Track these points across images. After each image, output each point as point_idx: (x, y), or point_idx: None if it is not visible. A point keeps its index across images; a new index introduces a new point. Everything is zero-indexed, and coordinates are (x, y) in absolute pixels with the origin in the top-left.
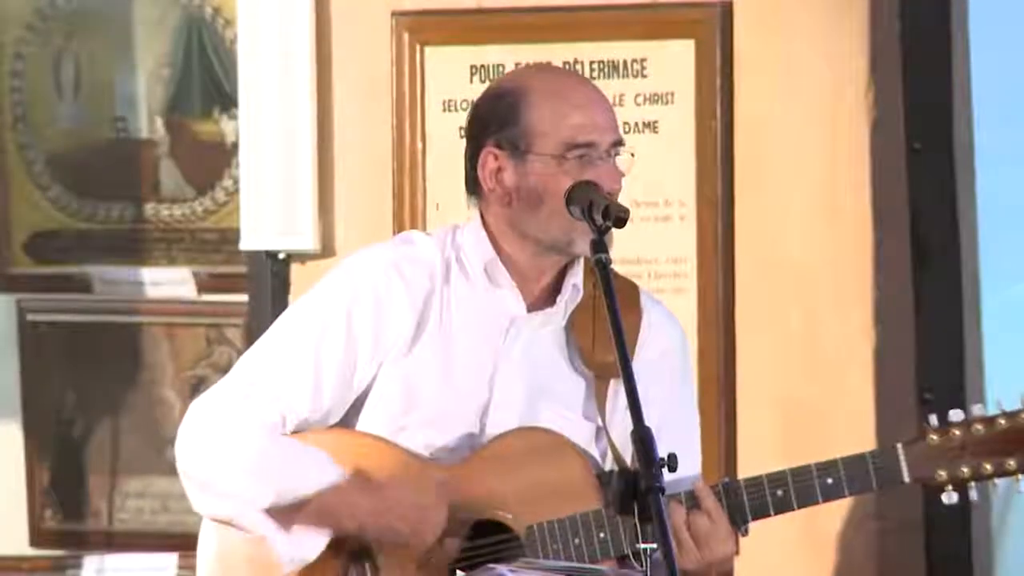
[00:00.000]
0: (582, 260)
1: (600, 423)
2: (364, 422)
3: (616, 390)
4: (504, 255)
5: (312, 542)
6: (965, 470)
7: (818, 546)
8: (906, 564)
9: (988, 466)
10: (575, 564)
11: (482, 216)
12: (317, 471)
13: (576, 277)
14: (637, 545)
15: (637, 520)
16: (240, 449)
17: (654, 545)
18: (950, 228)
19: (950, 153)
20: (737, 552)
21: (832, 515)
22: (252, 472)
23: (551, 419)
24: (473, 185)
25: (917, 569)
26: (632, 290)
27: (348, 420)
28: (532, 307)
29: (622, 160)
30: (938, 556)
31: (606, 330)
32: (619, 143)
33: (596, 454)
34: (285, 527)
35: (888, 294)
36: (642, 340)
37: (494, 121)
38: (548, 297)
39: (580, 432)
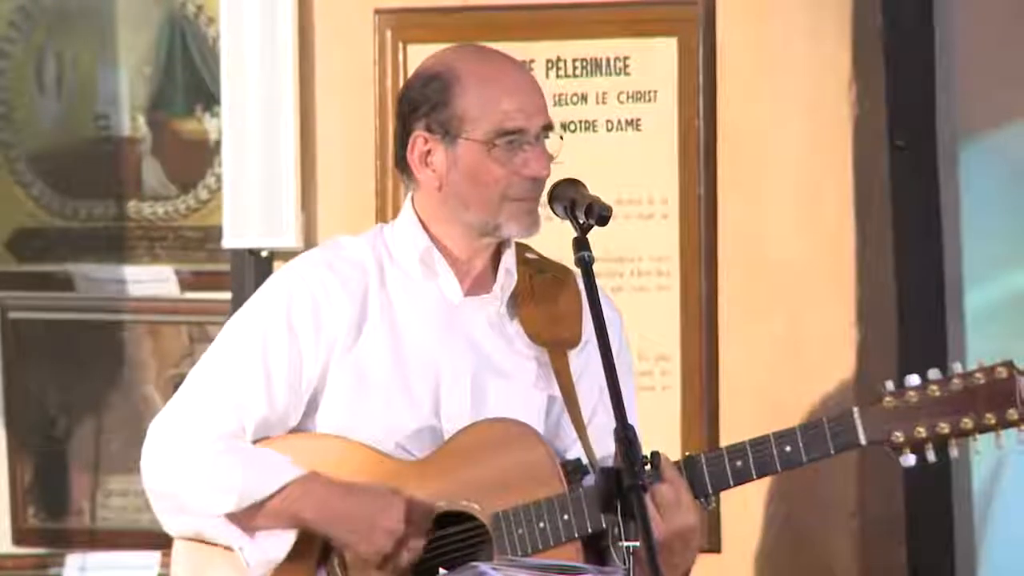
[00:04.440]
0: (513, 245)
1: (552, 393)
2: (321, 419)
3: (576, 358)
4: (437, 242)
5: (277, 543)
6: (921, 430)
7: (798, 543)
8: (887, 562)
9: (944, 426)
10: (556, 562)
11: (413, 204)
12: (276, 473)
13: (508, 262)
14: (620, 543)
15: (619, 517)
16: (198, 460)
17: (636, 543)
18: (933, 226)
19: (932, 151)
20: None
21: (813, 512)
22: (212, 480)
23: (501, 394)
24: (404, 166)
25: (898, 567)
26: (567, 274)
27: (306, 420)
28: (469, 292)
29: (551, 143)
30: (919, 554)
31: (546, 310)
32: (548, 127)
33: (550, 424)
34: (250, 532)
35: (871, 292)
36: (583, 320)
37: (424, 104)
38: (484, 282)
39: (531, 404)
